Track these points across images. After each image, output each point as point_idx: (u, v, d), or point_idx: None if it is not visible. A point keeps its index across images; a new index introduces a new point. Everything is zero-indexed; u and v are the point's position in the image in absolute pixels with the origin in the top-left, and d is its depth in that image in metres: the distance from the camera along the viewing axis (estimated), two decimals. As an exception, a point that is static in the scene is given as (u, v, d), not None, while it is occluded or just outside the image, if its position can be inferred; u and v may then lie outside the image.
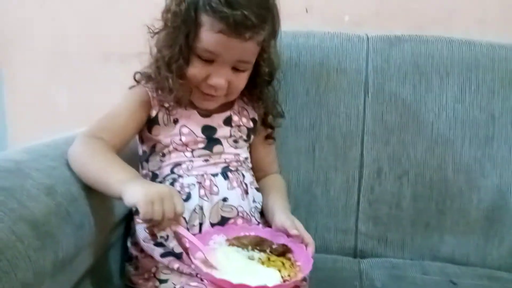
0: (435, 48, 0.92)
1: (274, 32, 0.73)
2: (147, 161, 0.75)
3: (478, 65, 0.90)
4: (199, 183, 0.70)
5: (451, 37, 0.94)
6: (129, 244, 0.74)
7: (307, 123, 0.91)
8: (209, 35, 0.65)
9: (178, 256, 0.67)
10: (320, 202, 0.90)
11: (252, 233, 0.69)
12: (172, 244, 0.67)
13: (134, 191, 0.56)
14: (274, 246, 0.66)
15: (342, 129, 0.91)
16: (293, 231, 0.65)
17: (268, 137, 0.83)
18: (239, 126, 0.76)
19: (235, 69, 0.69)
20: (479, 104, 0.89)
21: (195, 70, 0.68)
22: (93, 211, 0.62)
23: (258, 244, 0.66)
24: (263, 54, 0.72)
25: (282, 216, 0.69)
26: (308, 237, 0.66)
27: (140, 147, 0.77)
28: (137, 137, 0.76)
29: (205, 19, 0.65)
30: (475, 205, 0.88)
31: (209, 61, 0.68)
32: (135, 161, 0.77)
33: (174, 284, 0.66)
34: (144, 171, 0.75)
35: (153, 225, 0.58)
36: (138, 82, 0.75)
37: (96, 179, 0.61)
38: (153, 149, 0.74)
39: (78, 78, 1.15)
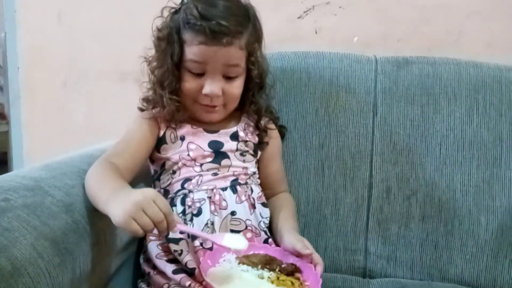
0: (442, 70, 0.93)
1: (257, 37, 0.77)
2: (158, 179, 0.77)
3: (485, 87, 0.92)
4: (209, 197, 0.72)
5: (459, 59, 0.95)
6: (141, 260, 0.75)
7: (316, 143, 0.92)
8: (192, 49, 0.72)
9: (190, 273, 0.68)
10: (329, 221, 0.91)
11: (262, 252, 0.70)
12: (186, 259, 0.68)
13: (113, 213, 0.55)
14: (283, 266, 0.67)
15: (351, 149, 0.92)
16: (306, 251, 0.66)
17: (261, 142, 0.82)
18: (245, 141, 0.79)
19: (227, 77, 0.74)
20: (487, 126, 0.90)
21: (189, 84, 0.74)
22: (107, 229, 0.64)
23: (268, 263, 0.67)
24: (251, 57, 0.76)
25: (291, 238, 0.70)
26: (317, 257, 0.67)
27: (151, 167, 0.80)
28: None
29: (186, 36, 0.72)
30: (484, 226, 0.88)
31: (200, 74, 0.73)
32: (148, 181, 0.79)
33: (186, 301, 0.66)
34: (156, 189, 0.77)
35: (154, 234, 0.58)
36: (142, 109, 0.80)
37: (94, 201, 0.62)
38: (163, 167, 0.76)
39: (94, 96, 1.18)
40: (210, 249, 0.69)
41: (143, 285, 0.72)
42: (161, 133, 0.77)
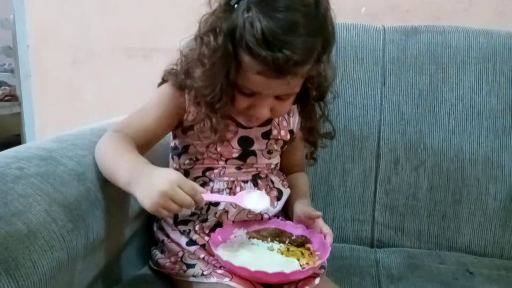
0: (452, 38, 0.92)
1: (327, 46, 0.64)
2: (178, 156, 0.74)
3: (495, 55, 0.90)
4: (230, 188, 0.71)
5: (469, 27, 0.94)
6: (155, 228, 0.76)
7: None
8: (248, 75, 0.60)
9: (202, 247, 0.69)
10: (337, 192, 0.92)
11: (272, 226, 0.71)
12: (195, 237, 0.69)
13: (141, 200, 0.55)
14: (293, 238, 0.68)
15: (359, 120, 0.92)
16: (316, 213, 0.67)
17: (310, 156, 0.79)
18: (276, 139, 0.75)
19: (279, 98, 0.65)
20: (496, 94, 0.89)
21: (239, 103, 0.65)
22: (120, 197, 0.65)
23: (278, 235, 0.68)
24: (312, 79, 0.68)
25: (303, 206, 0.71)
26: (326, 228, 0.68)
27: (172, 141, 0.76)
28: None
29: (243, 58, 0.60)
30: (492, 195, 0.88)
31: (250, 94, 0.64)
32: (166, 153, 0.78)
33: (202, 269, 0.66)
34: (175, 165, 0.75)
35: None
36: (165, 81, 0.72)
37: (112, 179, 0.61)
38: (185, 149, 0.73)
39: (103, 73, 1.19)
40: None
41: (157, 252, 0.73)
42: (190, 118, 0.68)
